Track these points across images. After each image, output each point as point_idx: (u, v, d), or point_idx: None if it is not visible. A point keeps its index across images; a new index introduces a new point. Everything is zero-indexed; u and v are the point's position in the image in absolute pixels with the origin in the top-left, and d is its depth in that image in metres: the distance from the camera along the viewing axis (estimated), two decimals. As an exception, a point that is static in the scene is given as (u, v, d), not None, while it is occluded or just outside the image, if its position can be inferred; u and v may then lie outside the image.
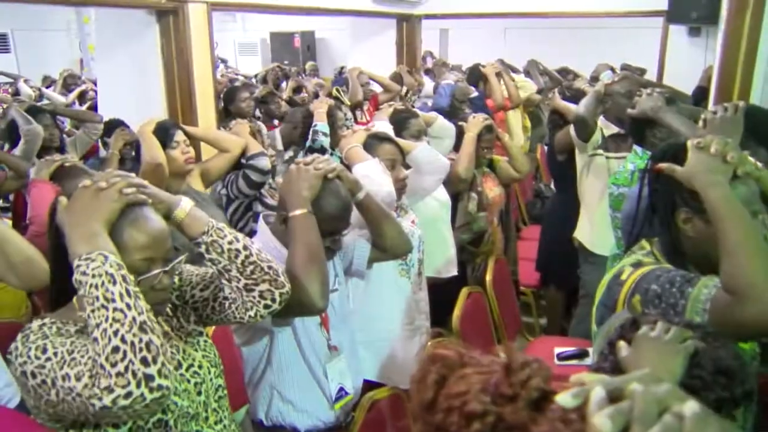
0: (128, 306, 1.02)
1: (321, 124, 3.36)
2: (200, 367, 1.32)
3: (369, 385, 2.03)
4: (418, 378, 0.66)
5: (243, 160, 2.81)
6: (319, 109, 3.42)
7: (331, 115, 3.44)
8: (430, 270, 2.64)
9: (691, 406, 0.53)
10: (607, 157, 2.92)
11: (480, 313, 2.72)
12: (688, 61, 5.50)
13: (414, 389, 0.66)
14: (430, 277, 2.61)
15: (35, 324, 1.15)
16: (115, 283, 1.03)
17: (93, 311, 1.02)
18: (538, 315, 3.66)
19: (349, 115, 4.18)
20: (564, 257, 3.28)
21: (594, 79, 4.92)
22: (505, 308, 2.95)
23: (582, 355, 2.81)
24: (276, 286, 1.33)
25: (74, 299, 1.22)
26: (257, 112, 4.45)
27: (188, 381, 1.29)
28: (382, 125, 2.69)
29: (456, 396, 0.62)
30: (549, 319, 3.74)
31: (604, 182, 2.94)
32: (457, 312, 2.49)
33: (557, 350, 2.80)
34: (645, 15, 5.64)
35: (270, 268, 1.32)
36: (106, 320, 1.00)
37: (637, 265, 1.36)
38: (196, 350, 1.35)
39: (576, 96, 3.58)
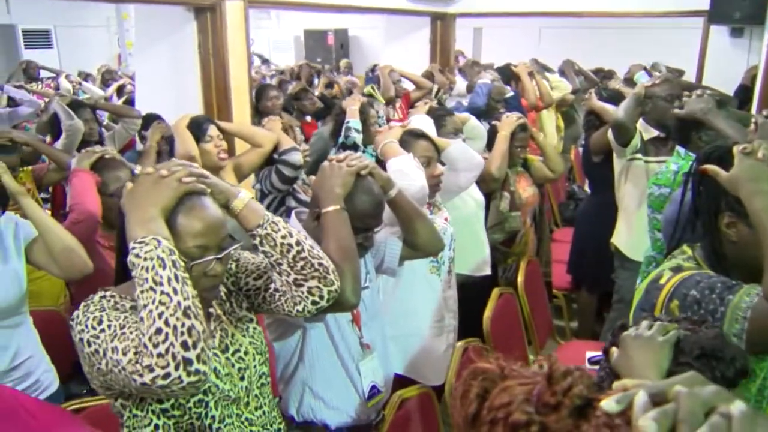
0: (175, 291, 1.06)
1: (353, 120, 3.38)
2: (246, 353, 1.36)
3: (395, 379, 2.02)
4: (460, 393, 0.67)
5: (275, 156, 2.83)
6: (352, 106, 3.43)
7: (363, 112, 3.45)
8: (463, 268, 2.63)
9: (738, 406, 0.53)
10: (646, 162, 2.86)
11: (511, 314, 2.69)
12: (729, 62, 5.37)
13: (457, 404, 0.67)
14: (462, 275, 2.59)
15: (97, 296, 1.21)
16: (164, 267, 1.06)
17: (142, 292, 1.06)
18: (570, 318, 3.62)
19: (382, 112, 4.18)
20: (597, 260, 3.23)
21: (628, 80, 4.83)
22: (537, 310, 2.92)
23: (614, 359, 2.76)
24: (325, 284, 1.35)
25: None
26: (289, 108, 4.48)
27: (233, 365, 1.32)
28: (421, 120, 2.67)
29: (500, 408, 0.62)
30: (580, 322, 3.69)
31: (643, 188, 2.89)
32: (487, 313, 2.47)
33: (588, 354, 2.76)
34: (685, 15, 5.51)
35: (321, 265, 1.34)
36: (153, 302, 1.04)
37: (677, 269, 1.33)
38: (244, 336, 1.38)
39: (613, 97, 3.52)
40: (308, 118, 4.58)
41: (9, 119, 4.37)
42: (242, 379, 1.34)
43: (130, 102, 4.69)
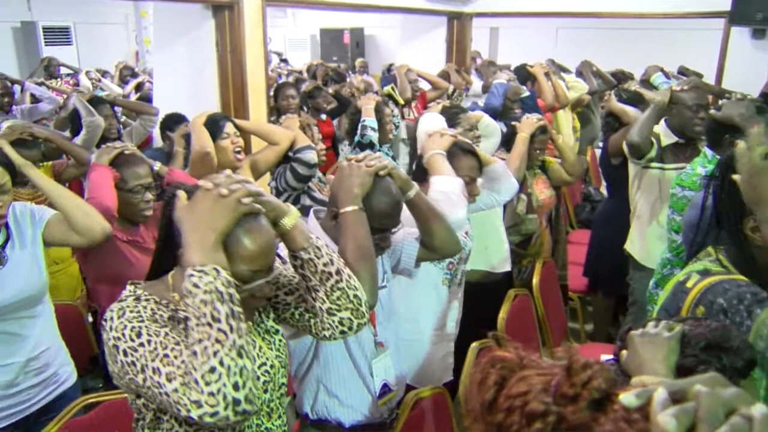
0: (231, 328, 1.04)
1: (369, 119, 3.38)
2: (272, 366, 1.35)
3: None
4: (478, 379, 0.67)
5: (290, 153, 2.84)
6: (367, 105, 3.43)
7: (378, 111, 3.46)
8: (484, 264, 2.63)
9: (760, 409, 0.53)
10: (662, 169, 2.83)
11: (525, 315, 2.68)
12: (750, 65, 5.29)
13: (474, 390, 0.67)
14: (482, 272, 2.59)
15: (131, 297, 1.19)
16: (223, 302, 1.05)
17: (198, 325, 1.04)
18: (585, 321, 3.59)
19: (396, 111, 4.17)
20: (613, 263, 3.21)
21: (645, 81, 4.78)
22: (552, 312, 2.90)
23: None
24: (356, 316, 1.34)
25: (169, 277, 1.26)
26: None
27: (257, 378, 1.31)
28: (433, 118, 2.67)
29: (517, 396, 0.63)
30: (596, 325, 3.67)
31: (656, 196, 2.88)
32: (502, 314, 2.47)
33: (603, 357, 2.73)
34: (705, 16, 5.44)
35: (356, 296, 1.33)
36: (209, 338, 1.03)
37: (705, 273, 1.32)
38: (270, 349, 1.37)
39: (632, 99, 3.49)
40: (323, 116, 4.59)
41: (29, 115, 4.43)
42: (266, 391, 1.33)
43: (147, 99, 4.72)
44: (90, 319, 2.77)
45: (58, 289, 2.70)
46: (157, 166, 2.34)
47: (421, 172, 2.22)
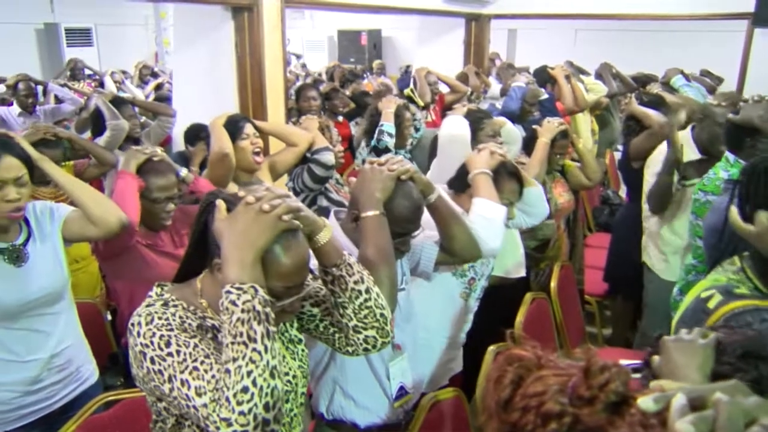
0: (266, 349, 1.04)
1: (387, 124, 3.35)
2: (294, 376, 1.35)
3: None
4: (494, 377, 0.68)
5: (307, 155, 2.85)
6: (387, 108, 3.41)
7: (398, 116, 3.44)
8: (499, 270, 2.62)
9: None
10: (683, 186, 2.80)
11: (543, 319, 2.66)
12: (774, 67, 5.22)
13: (490, 387, 0.67)
14: (497, 277, 2.58)
15: (159, 302, 1.19)
16: (260, 322, 1.05)
17: (233, 343, 1.04)
18: (602, 325, 3.56)
19: (418, 115, 4.16)
20: (634, 268, 3.18)
21: (665, 84, 4.72)
22: (569, 316, 2.88)
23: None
24: (382, 335, 1.34)
25: (197, 281, 1.26)
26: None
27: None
28: (457, 122, 2.65)
29: (533, 396, 0.63)
30: (614, 330, 3.64)
31: (673, 210, 2.86)
32: (519, 317, 2.45)
33: (622, 362, 2.72)
34: (728, 18, 5.37)
35: (382, 315, 1.33)
36: (243, 358, 1.02)
37: (728, 294, 1.29)
38: (294, 359, 1.37)
39: (653, 102, 3.45)
40: (340, 118, 4.60)
41: (52, 115, 4.49)
42: (287, 401, 1.33)
43: (165, 99, 4.77)
44: (109, 317, 2.80)
45: (78, 287, 2.72)
46: (183, 172, 2.34)
47: (461, 183, 2.21)
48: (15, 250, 1.77)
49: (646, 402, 0.57)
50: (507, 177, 2.26)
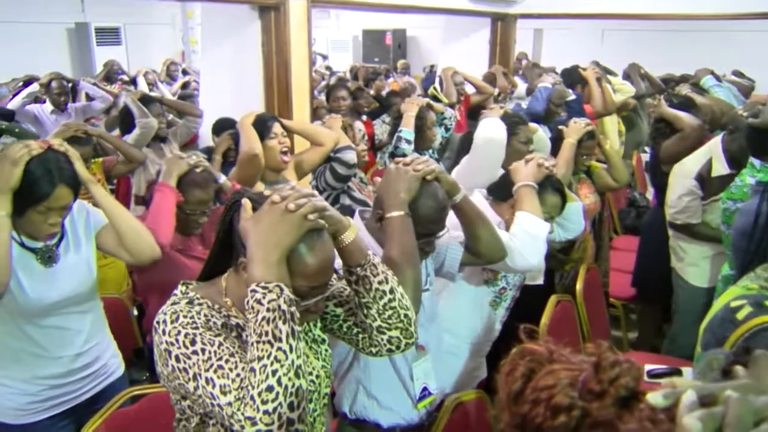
0: (291, 348, 1.05)
1: (406, 130, 3.30)
2: (317, 376, 1.34)
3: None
4: (506, 370, 0.69)
5: (330, 153, 2.85)
6: (408, 111, 3.36)
7: (420, 117, 3.42)
8: None
9: None
10: (714, 201, 2.77)
11: (568, 322, 2.63)
12: (807, 68, 5.10)
13: (502, 380, 0.68)
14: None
15: (184, 300, 1.20)
16: (285, 321, 1.05)
17: (258, 342, 1.04)
18: (628, 329, 3.52)
19: (448, 113, 4.14)
20: (662, 273, 3.14)
21: (694, 85, 4.64)
22: (595, 319, 2.85)
23: (674, 373, 2.69)
24: (406, 336, 1.33)
25: (222, 280, 1.26)
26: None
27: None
28: (494, 124, 2.63)
29: (543, 389, 0.63)
30: (641, 334, 3.59)
31: (698, 223, 2.84)
32: (544, 320, 2.43)
33: (647, 367, 2.69)
34: (759, 17, 5.26)
35: (406, 316, 1.32)
36: (268, 357, 1.03)
37: (758, 307, 1.26)
38: (317, 359, 1.37)
39: (683, 104, 3.39)
40: (363, 117, 4.61)
41: (83, 113, 4.57)
42: (310, 401, 1.33)
43: (190, 98, 4.82)
44: (135, 312, 2.84)
45: (106, 282, 2.78)
46: (222, 179, 2.34)
47: (503, 192, 2.19)
48: (47, 251, 1.80)
49: (655, 397, 0.58)
50: (551, 191, 2.22)
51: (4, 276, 1.63)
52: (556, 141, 2.98)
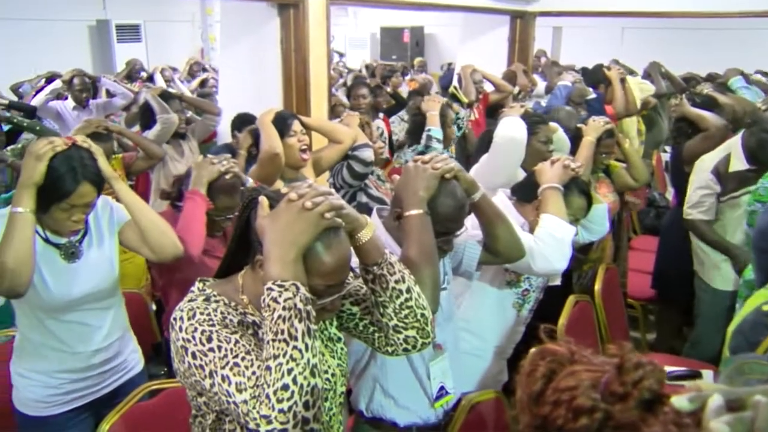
0: (307, 347, 1.04)
1: (435, 129, 3.27)
2: (333, 375, 1.34)
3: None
4: (527, 370, 0.68)
5: (348, 151, 2.85)
6: (432, 111, 3.33)
7: (442, 115, 3.40)
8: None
9: None
10: (733, 198, 2.73)
11: (586, 323, 2.61)
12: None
13: (522, 381, 0.67)
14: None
15: (200, 297, 1.20)
16: (301, 320, 1.05)
17: (274, 341, 1.04)
18: (646, 330, 3.48)
19: (462, 113, 4.12)
20: (683, 275, 3.10)
21: (722, 84, 4.57)
22: (613, 320, 2.82)
23: (694, 376, 2.65)
24: (422, 335, 1.32)
25: (239, 277, 1.27)
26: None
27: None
28: (517, 122, 2.61)
29: (565, 390, 0.62)
30: (659, 335, 3.55)
31: (719, 221, 2.83)
32: (562, 320, 2.41)
33: (667, 369, 2.66)
34: (785, 16, 5.17)
35: (423, 315, 1.30)
36: (284, 355, 1.03)
37: None
38: (333, 357, 1.37)
39: (705, 103, 3.34)
40: (380, 115, 4.60)
41: (104, 109, 4.62)
42: (326, 400, 1.33)
43: (208, 96, 4.85)
44: (153, 307, 2.87)
45: (125, 277, 2.76)
46: (250, 182, 2.33)
47: (527, 193, 2.17)
48: (71, 247, 1.81)
49: (680, 401, 0.56)
50: (577, 193, 2.20)
51: (27, 273, 1.65)
52: (575, 139, 2.96)
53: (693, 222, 2.89)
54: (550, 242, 1.93)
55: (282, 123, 2.57)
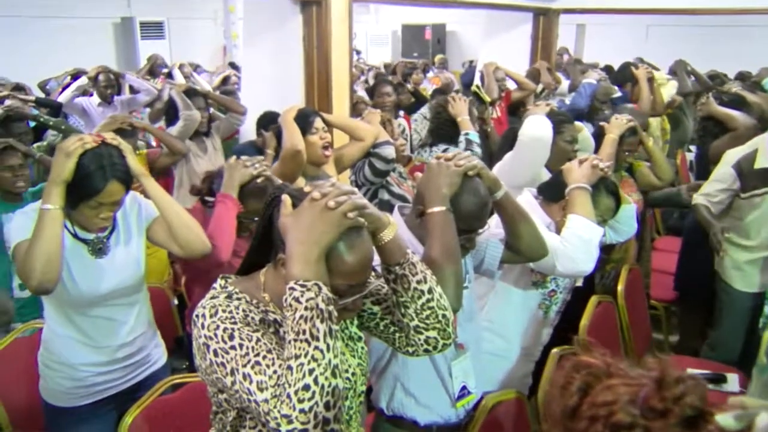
0: (328, 347, 1.04)
1: (472, 133, 3.22)
2: (353, 374, 1.34)
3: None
4: (561, 383, 0.65)
5: (370, 148, 2.85)
6: (463, 115, 3.27)
7: (468, 114, 3.38)
8: None
9: None
10: (742, 198, 2.69)
11: (609, 324, 2.59)
12: None
13: (556, 394, 0.65)
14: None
15: (222, 295, 1.20)
16: (323, 320, 1.04)
17: (295, 341, 1.04)
18: (669, 332, 3.44)
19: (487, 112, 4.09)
20: (705, 275, 3.05)
21: (755, 83, 4.46)
22: (636, 321, 2.79)
23: (719, 380, 2.62)
24: (443, 336, 1.31)
25: (261, 275, 1.27)
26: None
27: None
28: (542, 121, 2.58)
29: (602, 405, 0.60)
30: (682, 337, 3.50)
31: (741, 221, 2.78)
32: (584, 321, 2.39)
33: (689, 371, 2.62)
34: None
35: (444, 317, 1.30)
36: (305, 356, 1.02)
37: None
38: (353, 356, 1.36)
39: (733, 102, 3.28)
40: (401, 112, 4.60)
41: (128, 105, 4.68)
42: (346, 399, 1.33)
43: (231, 93, 4.88)
44: (175, 301, 2.89)
45: (148, 272, 2.78)
46: (278, 184, 2.34)
47: (554, 193, 2.15)
48: (99, 243, 1.83)
49: (726, 419, 0.54)
50: (605, 194, 2.17)
51: (56, 271, 1.66)
52: (598, 137, 2.92)
53: (696, 205, 2.84)
54: (577, 243, 1.91)
55: (304, 120, 2.57)
